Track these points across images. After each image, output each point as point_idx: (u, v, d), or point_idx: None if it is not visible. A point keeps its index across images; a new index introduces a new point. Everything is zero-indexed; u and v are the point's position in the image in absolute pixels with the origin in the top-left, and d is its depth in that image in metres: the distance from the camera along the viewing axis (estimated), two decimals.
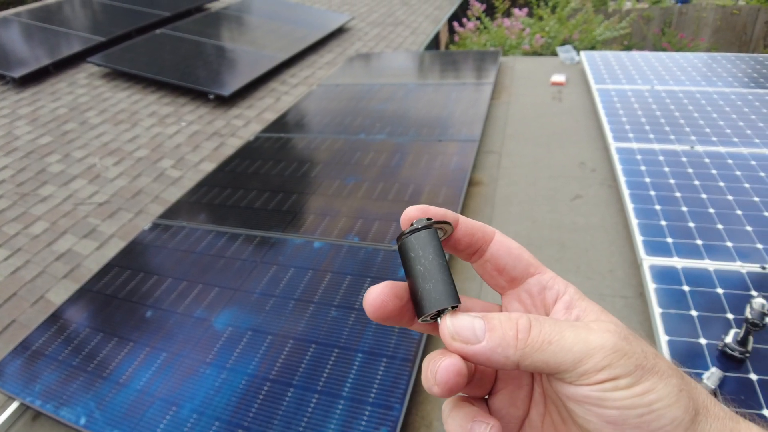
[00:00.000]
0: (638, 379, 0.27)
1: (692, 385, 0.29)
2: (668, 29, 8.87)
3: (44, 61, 4.43)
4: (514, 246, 0.36)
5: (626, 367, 0.27)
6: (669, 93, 3.13)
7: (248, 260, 2.10)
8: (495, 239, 0.37)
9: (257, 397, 1.50)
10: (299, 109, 3.76)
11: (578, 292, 0.34)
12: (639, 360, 0.28)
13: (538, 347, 0.29)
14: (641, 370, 0.28)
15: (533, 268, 0.36)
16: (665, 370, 0.28)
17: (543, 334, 0.29)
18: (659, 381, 0.28)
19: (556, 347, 0.28)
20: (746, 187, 2.12)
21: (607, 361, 0.28)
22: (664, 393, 0.27)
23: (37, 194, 2.98)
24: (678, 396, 0.28)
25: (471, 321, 0.30)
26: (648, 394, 0.27)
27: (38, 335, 1.87)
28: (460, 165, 2.61)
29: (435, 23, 7.18)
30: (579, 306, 0.33)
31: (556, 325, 0.29)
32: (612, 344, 0.28)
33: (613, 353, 0.28)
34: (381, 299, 0.33)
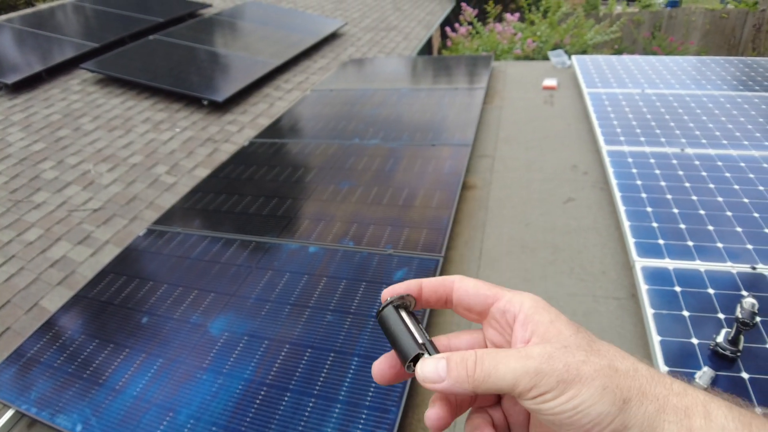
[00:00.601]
0: (561, 390, 0.34)
1: (627, 376, 0.34)
2: (658, 33, 8.97)
3: (37, 68, 4.42)
4: (471, 287, 0.44)
5: (548, 385, 0.34)
6: (659, 96, 3.17)
7: (243, 266, 2.10)
8: (455, 287, 0.45)
9: (254, 402, 1.50)
10: (293, 114, 3.77)
11: (533, 307, 0.40)
12: (559, 375, 0.34)
13: (482, 380, 0.37)
14: (563, 383, 0.34)
15: (490, 299, 0.43)
16: (588, 376, 0.34)
17: (484, 370, 0.37)
18: (582, 387, 0.34)
19: (494, 378, 0.36)
20: (736, 189, 2.15)
21: (533, 383, 0.34)
22: (586, 396, 0.33)
23: (30, 201, 2.97)
24: (602, 394, 0.33)
25: (435, 365, 0.38)
26: (572, 400, 0.34)
27: (33, 343, 1.87)
28: (453, 169, 2.63)
29: (427, 28, 7.22)
30: (532, 321, 0.39)
31: (494, 359, 0.37)
32: (534, 369, 0.35)
33: (535, 375, 0.35)
34: (380, 371, 0.44)
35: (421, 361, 0.39)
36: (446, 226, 2.17)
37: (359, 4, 7.65)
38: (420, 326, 0.43)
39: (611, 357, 0.36)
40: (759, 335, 1.44)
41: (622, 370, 0.35)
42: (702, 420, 0.33)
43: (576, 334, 0.37)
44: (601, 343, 0.37)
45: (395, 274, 1.92)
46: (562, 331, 0.37)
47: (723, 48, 8.95)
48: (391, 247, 2.07)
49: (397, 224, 2.23)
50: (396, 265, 1.97)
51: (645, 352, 1.58)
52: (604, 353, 0.36)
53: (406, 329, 0.42)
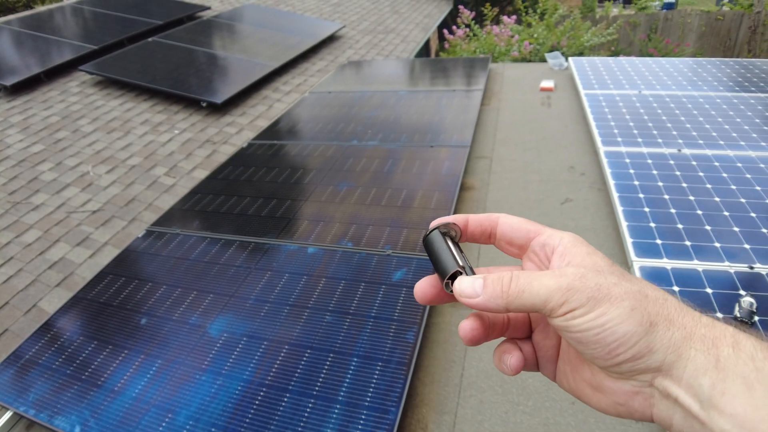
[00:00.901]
0: (591, 307, 0.35)
1: (656, 303, 0.36)
2: (654, 35, 9.01)
3: (36, 70, 4.42)
4: (515, 221, 0.46)
5: (579, 301, 0.35)
6: (656, 97, 3.18)
7: (242, 267, 2.10)
8: (500, 221, 0.46)
9: (253, 403, 1.50)
10: (291, 116, 3.77)
11: (572, 241, 0.41)
12: (590, 293, 0.35)
13: (516, 296, 0.38)
14: (593, 300, 0.35)
15: (532, 233, 0.44)
16: (618, 296, 0.35)
17: (519, 286, 0.38)
18: (610, 306, 0.35)
19: (527, 294, 0.37)
20: (733, 189, 2.16)
21: (564, 298, 0.35)
22: (614, 314, 0.34)
23: (29, 202, 2.97)
24: (630, 314, 0.34)
25: (472, 282, 0.40)
26: (600, 317, 0.34)
27: (31, 344, 1.87)
28: (451, 170, 2.63)
29: (425, 31, 7.24)
30: (570, 252, 0.40)
31: (529, 276, 0.38)
32: (567, 285, 0.36)
33: (567, 291, 0.35)
34: (422, 289, 0.45)
35: (459, 278, 0.41)
36: None
37: (357, 7, 7.67)
38: (462, 254, 0.44)
39: (643, 285, 0.37)
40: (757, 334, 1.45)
41: (651, 296, 0.36)
42: (730, 349, 0.33)
43: (611, 265, 0.39)
44: (633, 276, 0.38)
45: (394, 275, 1.92)
46: (598, 262, 0.39)
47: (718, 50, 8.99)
48: (390, 248, 2.08)
49: (395, 225, 2.23)
50: (395, 266, 1.97)
51: None
52: (636, 281, 0.37)
53: (449, 251, 0.44)
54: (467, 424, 1.49)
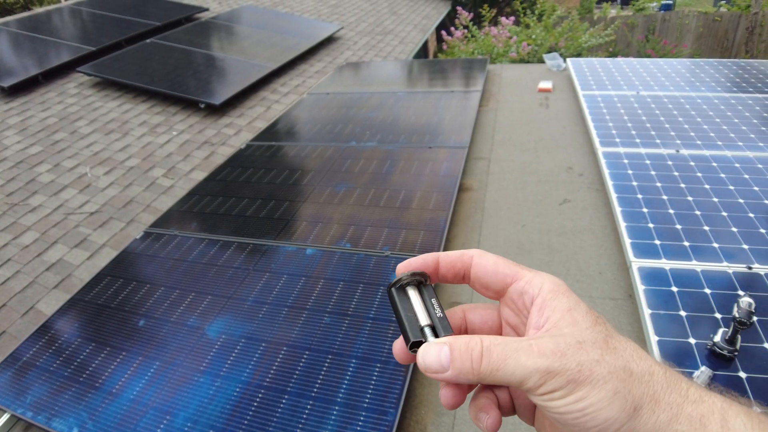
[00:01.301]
0: (570, 391, 0.32)
1: (642, 381, 0.33)
2: (652, 36, 9.03)
3: (33, 71, 4.41)
4: (490, 263, 0.42)
5: (557, 384, 0.33)
6: (654, 98, 3.19)
7: (240, 268, 2.10)
8: (473, 263, 0.43)
9: (251, 404, 1.50)
10: (290, 117, 3.77)
11: (552, 291, 0.38)
12: (570, 375, 0.33)
13: (488, 374, 0.35)
14: (572, 383, 0.32)
15: (509, 278, 0.41)
16: (601, 377, 0.32)
17: (491, 364, 0.35)
18: (591, 389, 0.32)
19: (502, 373, 0.34)
20: (731, 189, 2.16)
21: (542, 381, 0.33)
22: (595, 399, 0.32)
23: (26, 204, 2.96)
24: (611, 399, 0.32)
25: (437, 353, 0.37)
26: (580, 402, 0.32)
27: (29, 346, 1.86)
28: (449, 171, 2.63)
29: (423, 32, 7.25)
30: (549, 306, 0.37)
31: (503, 351, 0.35)
32: (544, 367, 0.33)
33: (546, 374, 0.33)
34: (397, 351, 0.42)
35: (423, 348, 0.37)
36: (443, 227, 2.17)
37: (355, 9, 7.67)
38: (432, 302, 0.41)
39: (627, 357, 0.34)
40: (756, 335, 1.45)
41: (637, 373, 0.33)
42: (719, 428, 0.31)
43: (593, 327, 0.36)
44: (618, 339, 0.35)
45: (392, 276, 1.92)
46: (579, 322, 0.36)
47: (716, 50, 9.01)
48: (389, 249, 2.08)
49: (394, 226, 2.23)
50: (393, 267, 1.97)
51: None
52: (620, 352, 0.34)
53: (410, 311, 0.41)
54: (466, 426, 1.48)
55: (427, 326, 0.40)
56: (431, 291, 0.42)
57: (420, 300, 0.42)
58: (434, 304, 0.41)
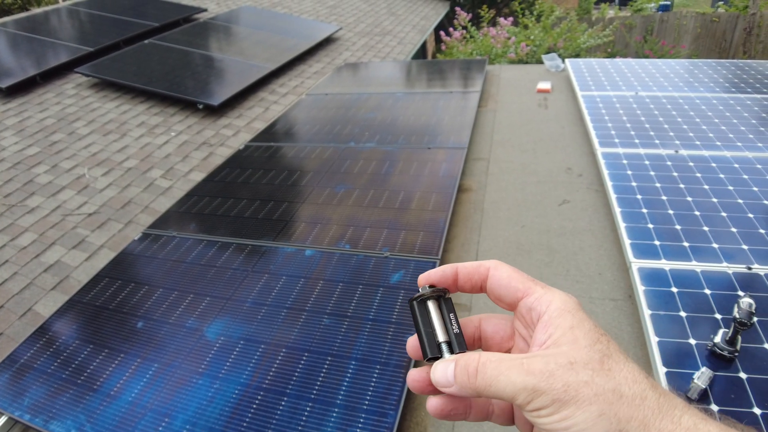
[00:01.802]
0: (556, 410, 0.34)
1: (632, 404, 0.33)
2: (650, 36, 9.04)
3: (31, 72, 4.40)
4: (504, 276, 0.44)
5: (543, 402, 0.34)
6: (653, 98, 3.19)
7: (239, 269, 2.09)
8: (489, 274, 0.45)
9: (250, 406, 1.49)
10: (288, 118, 3.77)
11: (559, 310, 0.39)
12: (556, 395, 0.34)
13: (483, 389, 0.37)
14: (558, 402, 0.33)
15: (521, 293, 0.42)
16: (586, 398, 0.33)
17: (486, 379, 0.37)
18: (577, 410, 0.33)
19: (494, 389, 0.36)
20: (730, 190, 2.16)
21: (529, 398, 0.35)
22: (580, 419, 0.33)
23: (24, 205, 2.95)
24: (595, 420, 0.32)
25: (444, 370, 0.40)
26: (564, 421, 0.33)
27: (26, 348, 1.85)
28: (449, 172, 2.63)
29: (422, 33, 7.25)
30: (553, 324, 0.38)
31: (496, 369, 0.37)
32: (532, 386, 0.35)
33: (532, 392, 0.34)
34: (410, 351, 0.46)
35: (435, 365, 0.41)
36: (442, 228, 2.16)
37: (354, 9, 7.67)
38: (450, 317, 0.44)
39: (620, 379, 0.34)
40: (756, 335, 1.45)
41: (627, 396, 0.33)
42: None
43: (592, 346, 0.36)
44: (616, 361, 0.35)
45: (392, 277, 1.91)
46: (578, 341, 0.36)
47: (714, 51, 9.02)
48: (388, 250, 2.07)
49: (393, 227, 2.22)
50: (392, 268, 1.96)
51: (643, 353, 1.59)
52: (614, 374, 0.34)
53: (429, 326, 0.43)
54: (466, 427, 1.48)
55: (444, 342, 0.42)
56: (450, 305, 0.44)
57: (439, 314, 0.44)
58: (452, 318, 0.43)
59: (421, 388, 0.43)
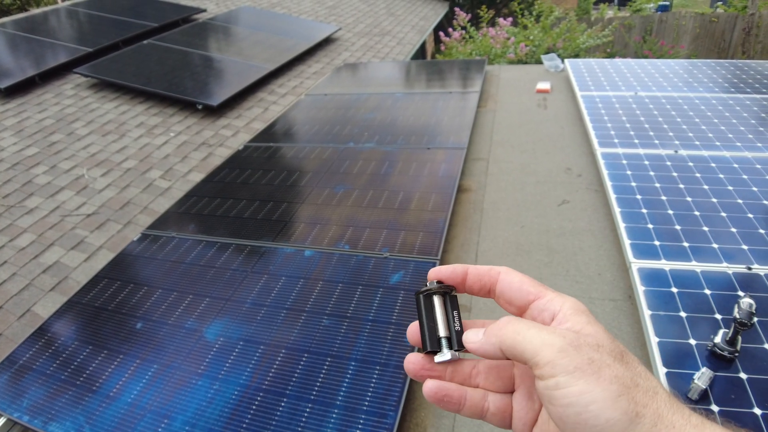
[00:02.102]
0: (576, 379, 0.33)
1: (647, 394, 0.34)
2: (649, 37, 9.05)
3: (30, 72, 4.39)
4: (516, 281, 0.44)
5: (565, 366, 0.34)
6: (652, 98, 3.19)
7: (238, 270, 2.09)
8: (500, 278, 0.45)
9: (250, 407, 1.49)
10: (287, 118, 3.76)
11: (573, 308, 0.40)
12: (579, 364, 0.34)
13: (510, 336, 0.38)
14: (579, 371, 0.33)
15: (532, 296, 0.43)
16: (607, 377, 0.33)
17: (514, 329, 0.38)
18: (596, 386, 0.33)
19: (521, 338, 0.37)
20: (729, 190, 2.16)
21: (552, 357, 0.34)
22: (599, 396, 0.32)
23: (23, 206, 2.94)
24: (615, 400, 0.32)
25: (477, 332, 0.41)
26: (584, 395, 0.33)
27: (25, 349, 1.84)
28: (448, 172, 2.63)
29: (421, 33, 7.25)
30: (570, 320, 0.39)
31: (526, 324, 0.38)
32: (560, 344, 0.35)
33: (558, 352, 0.34)
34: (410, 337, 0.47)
35: (468, 331, 0.42)
36: (442, 228, 2.16)
37: (353, 10, 7.67)
38: (454, 314, 0.44)
39: (636, 373, 0.35)
40: (756, 335, 1.45)
41: (643, 386, 0.34)
42: None
43: (613, 341, 0.37)
44: (632, 359, 0.36)
45: (392, 278, 1.91)
46: (599, 332, 0.37)
47: (713, 51, 9.03)
48: (387, 251, 2.07)
49: (393, 227, 2.22)
50: (392, 269, 1.96)
51: (643, 354, 1.58)
52: (632, 367, 0.35)
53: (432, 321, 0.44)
54: (466, 428, 1.48)
55: (445, 338, 0.43)
56: (455, 303, 0.45)
57: (443, 310, 0.45)
58: (455, 316, 0.44)
59: (415, 372, 0.44)
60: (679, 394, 1.33)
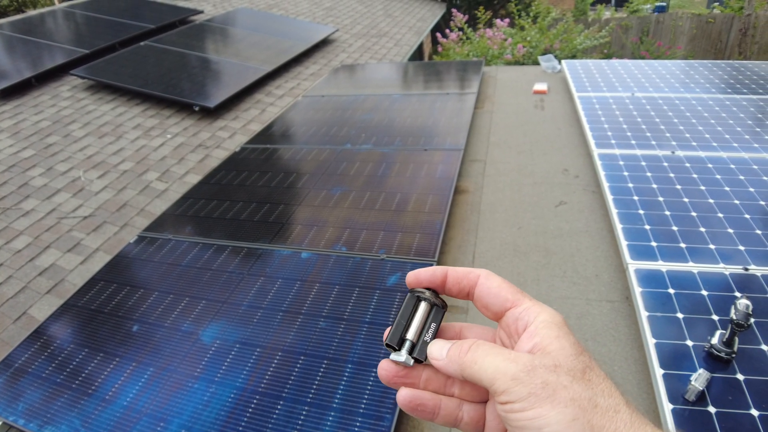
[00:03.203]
0: (531, 405, 0.33)
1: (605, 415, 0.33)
2: (646, 38, 9.07)
3: (26, 74, 4.38)
4: (494, 286, 0.44)
5: (519, 393, 0.34)
6: (649, 99, 3.19)
7: (235, 272, 2.08)
8: (479, 282, 0.45)
9: (246, 410, 1.48)
10: (285, 120, 3.76)
11: (546, 322, 0.39)
12: (533, 389, 0.34)
13: (469, 365, 0.38)
14: (534, 397, 0.33)
15: (509, 303, 0.43)
16: (562, 401, 0.33)
17: (474, 356, 0.38)
18: (551, 409, 0.33)
19: (478, 367, 0.37)
20: (726, 191, 2.16)
21: (506, 386, 0.35)
22: (553, 420, 0.32)
23: (19, 208, 2.93)
24: (569, 424, 0.32)
25: (441, 347, 0.42)
26: (537, 420, 0.33)
27: (21, 352, 1.83)
28: (445, 173, 2.63)
29: (418, 35, 7.25)
30: (539, 334, 0.39)
31: (486, 351, 0.38)
32: (512, 373, 0.35)
33: (511, 380, 0.35)
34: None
35: (433, 342, 0.43)
36: (439, 230, 2.16)
37: (350, 11, 7.67)
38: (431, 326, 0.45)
39: (598, 391, 0.34)
40: (753, 336, 1.45)
41: (602, 406, 0.33)
42: None
43: (576, 356, 0.36)
44: (597, 374, 0.36)
45: (389, 280, 1.91)
46: (565, 349, 0.37)
47: (710, 52, 9.05)
48: (384, 252, 2.06)
49: (390, 229, 2.22)
50: (389, 270, 1.96)
51: (640, 355, 1.58)
52: (593, 384, 0.35)
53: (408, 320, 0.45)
54: None
55: (409, 341, 0.44)
56: (439, 317, 0.45)
57: (423, 318, 0.45)
58: (431, 327, 0.44)
59: (389, 378, 0.44)
60: (676, 396, 1.33)
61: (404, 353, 0.43)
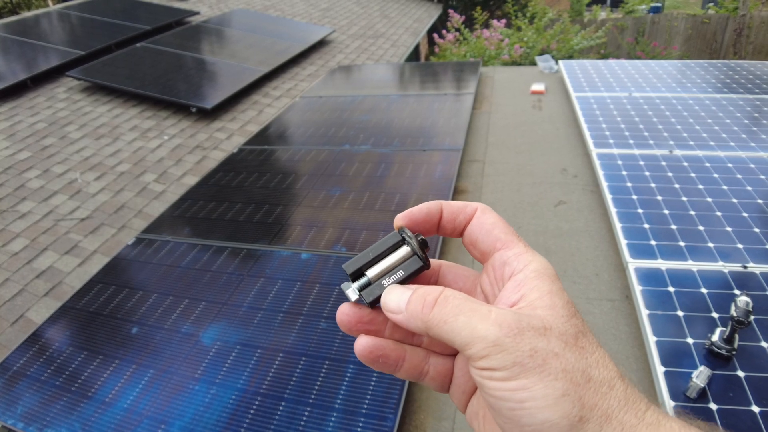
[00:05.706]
0: (515, 375, 0.29)
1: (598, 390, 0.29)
2: (642, 38, 9.11)
3: (22, 76, 4.35)
4: (489, 222, 0.38)
5: (502, 362, 0.29)
6: (646, 99, 3.20)
7: (234, 273, 2.07)
8: (475, 215, 0.39)
9: (248, 412, 1.47)
10: (282, 121, 3.75)
11: (537, 272, 0.34)
12: (519, 358, 0.29)
13: (436, 324, 0.32)
14: (519, 366, 0.29)
15: (500, 243, 0.37)
16: (552, 372, 0.29)
17: (442, 314, 0.32)
18: (538, 381, 0.28)
19: (448, 327, 0.31)
20: (724, 189, 2.17)
21: (486, 352, 0.29)
22: (539, 394, 0.28)
23: (16, 210, 2.92)
24: (557, 400, 0.28)
25: (399, 295, 0.35)
26: (520, 392, 0.29)
27: (19, 355, 1.82)
28: (444, 174, 2.63)
29: (415, 35, 7.26)
30: (529, 285, 0.34)
31: (458, 306, 0.32)
32: (493, 338, 0.30)
33: (492, 346, 0.29)
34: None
35: (391, 287, 0.36)
36: None
37: (347, 12, 7.67)
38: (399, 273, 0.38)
39: (592, 361, 0.30)
40: (753, 334, 1.45)
41: (596, 380, 0.30)
42: None
43: (569, 318, 0.32)
44: (589, 341, 0.32)
45: None
46: (557, 308, 0.32)
47: (705, 52, 9.10)
48: None
49: (389, 229, 2.21)
50: None
51: (641, 353, 1.59)
52: (586, 353, 0.31)
53: (378, 257, 0.39)
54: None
55: (367, 278, 0.38)
56: (415, 270, 0.38)
57: (396, 261, 0.38)
58: (398, 274, 0.38)
59: (350, 325, 0.38)
60: (678, 393, 1.33)
61: (355, 290, 0.37)
